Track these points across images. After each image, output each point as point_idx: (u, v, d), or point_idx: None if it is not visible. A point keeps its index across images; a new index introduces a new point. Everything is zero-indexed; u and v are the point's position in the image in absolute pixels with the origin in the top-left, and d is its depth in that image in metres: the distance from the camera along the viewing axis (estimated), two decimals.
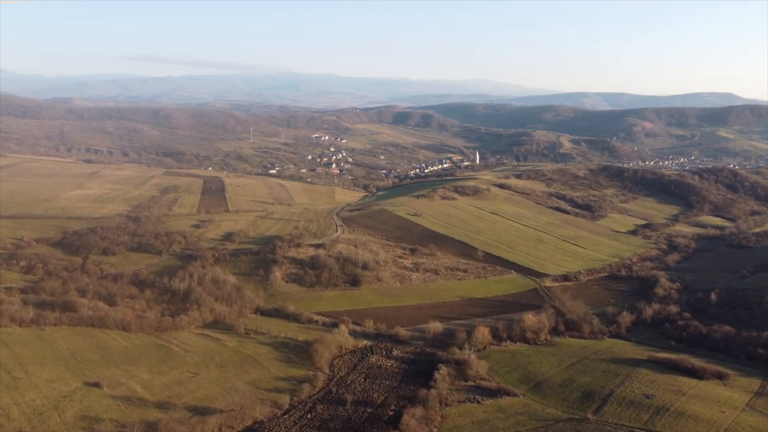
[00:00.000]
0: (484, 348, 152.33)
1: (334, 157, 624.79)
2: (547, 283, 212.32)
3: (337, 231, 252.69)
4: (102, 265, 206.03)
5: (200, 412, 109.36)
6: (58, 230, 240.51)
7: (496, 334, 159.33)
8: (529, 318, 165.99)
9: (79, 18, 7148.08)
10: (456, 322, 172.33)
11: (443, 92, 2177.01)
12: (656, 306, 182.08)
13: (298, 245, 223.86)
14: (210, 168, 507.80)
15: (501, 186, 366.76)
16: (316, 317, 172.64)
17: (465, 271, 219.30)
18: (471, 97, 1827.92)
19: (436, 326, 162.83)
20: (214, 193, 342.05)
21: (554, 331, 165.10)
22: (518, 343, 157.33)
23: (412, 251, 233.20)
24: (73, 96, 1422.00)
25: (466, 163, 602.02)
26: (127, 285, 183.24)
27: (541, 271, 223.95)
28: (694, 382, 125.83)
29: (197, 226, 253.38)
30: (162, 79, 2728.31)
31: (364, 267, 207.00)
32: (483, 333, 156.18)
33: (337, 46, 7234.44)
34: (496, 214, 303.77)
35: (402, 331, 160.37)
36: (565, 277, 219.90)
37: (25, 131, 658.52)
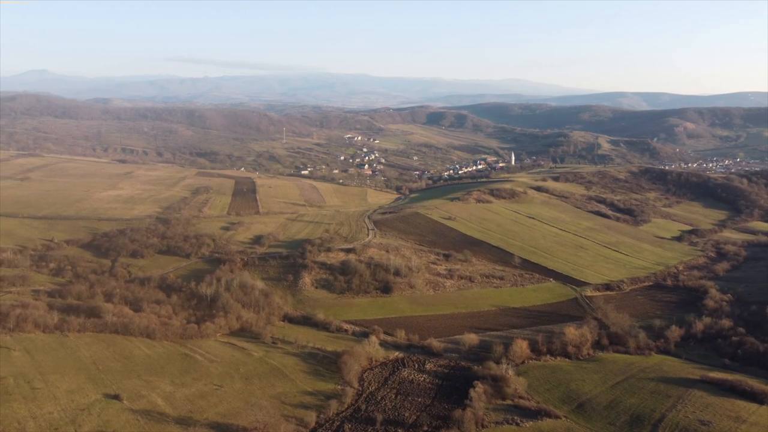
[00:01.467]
0: (522, 362, 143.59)
1: (367, 158, 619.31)
2: (588, 292, 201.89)
3: (368, 235, 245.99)
4: (130, 268, 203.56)
5: (222, 429, 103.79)
6: (88, 232, 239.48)
7: (534, 348, 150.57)
8: (571, 331, 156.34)
9: (119, 20, 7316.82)
10: (492, 333, 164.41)
11: (477, 92, 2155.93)
12: (707, 319, 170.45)
13: (329, 250, 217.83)
14: (242, 168, 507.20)
15: (538, 189, 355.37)
16: (345, 326, 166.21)
17: (501, 278, 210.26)
18: (506, 96, 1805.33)
19: (471, 338, 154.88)
20: (245, 194, 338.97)
21: (597, 345, 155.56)
22: (559, 358, 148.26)
23: (446, 257, 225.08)
24: (113, 96, 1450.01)
25: (501, 165, 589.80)
26: (154, 289, 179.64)
27: (582, 280, 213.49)
28: (754, 407, 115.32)
29: (227, 229, 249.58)
30: (198, 79, 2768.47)
31: (396, 273, 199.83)
32: (521, 346, 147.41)
33: (370, 46, 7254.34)
34: (533, 218, 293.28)
35: (435, 343, 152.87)
36: (607, 287, 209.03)
37: (63, 131, 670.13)
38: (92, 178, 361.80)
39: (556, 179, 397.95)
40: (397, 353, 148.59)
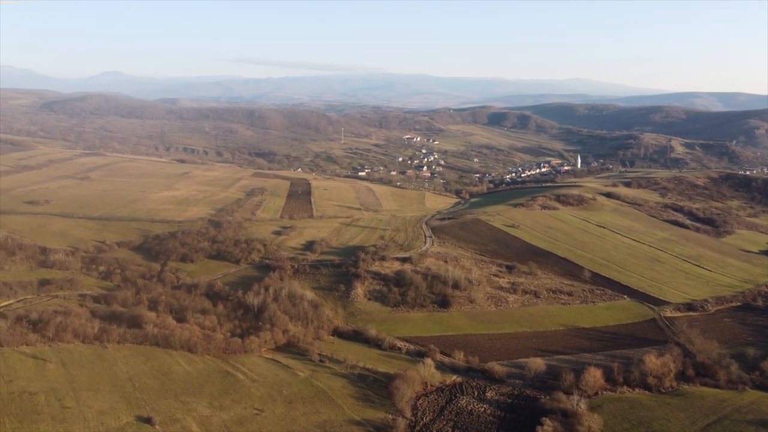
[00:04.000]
0: (596, 394, 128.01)
1: (426, 160, 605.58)
2: (668, 312, 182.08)
3: (425, 243, 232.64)
4: (179, 273, 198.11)
5: None
6: (140, 234, 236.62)
7: (609, 377, 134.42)
8: (651, 359, 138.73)
9: (187, 22, 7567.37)
10: (560, 357, 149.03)
11: (540, 92, 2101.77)
12: None
13: (383, 258, 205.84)
14: (299, 169, 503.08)
15: (608, 195, 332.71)
16: (399, 343, 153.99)
17: (569, 294, 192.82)
18: (570, 97, 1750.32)
19: (538, 363, 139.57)
20: (299, 196, 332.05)
21: (681, 376, 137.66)
22: (637, 390, 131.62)
23: (509, 269, 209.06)
24: (180, 97, 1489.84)
25: (566, 168, 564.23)
26: (200, 297, 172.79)
27: (660, 298, 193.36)
28: None
29: (278, 233, 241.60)
30: (262, 80, 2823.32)
31: (455, 286, 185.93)
32: (594, 375, 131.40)
33: (431, 47, 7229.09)
34: (603, 227, 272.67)
35: (497, 367, 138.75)
36: (689, 306, 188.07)
37: (129, 130, 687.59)
38: (150, 178, 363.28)
39: (627, 185, 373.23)
40: (454, 377, 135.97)
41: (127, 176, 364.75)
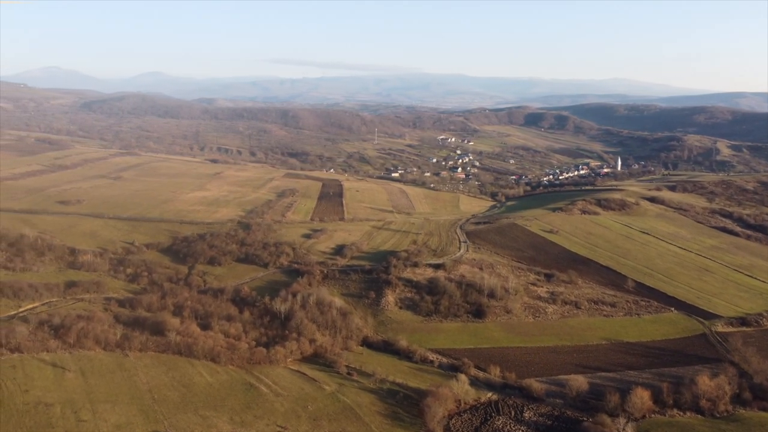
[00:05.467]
0: (643, 417, 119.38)
1: (460, 161, 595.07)
2: (720, 327, 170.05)
3: (460, 248, 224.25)
4: (206, 276, 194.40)
5: None
6: (169, 235, 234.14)
7: (658, 398, 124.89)
8: (704, 381, 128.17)
9: (224, 23, 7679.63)
10: (603, 374, 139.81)
11: (578, 92, 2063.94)
12: None
13: (415, 265, 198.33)
14: (332, 170, 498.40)
15: (652, 199, 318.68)
16: (431, 356, 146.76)
17: (612, 305, 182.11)
18: (609, 97, 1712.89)
19: (579, 381, 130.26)
20: (331, 198, 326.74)
21: (737, 399, 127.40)
22: (688, 414, 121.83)
23: (548, 277, 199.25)
24: (218, 96, 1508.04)
25: (605, 170, 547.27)
26: (226, 303, 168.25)
27: (710, 311, 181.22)
28: None
29: (308, 236, 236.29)
30: (298, 80, 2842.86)
31: (491, 295, 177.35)
32: (641, 396, 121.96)
33: (468, 46, 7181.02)
34: (647, 233, 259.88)
35: (535, 385, 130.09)
36: (743, 321, 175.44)
37: (164, 130, 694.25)
38: (182, 178, 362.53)
39: (672, 189, 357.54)
40: (489, 394, 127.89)
41: (159, 176, 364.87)
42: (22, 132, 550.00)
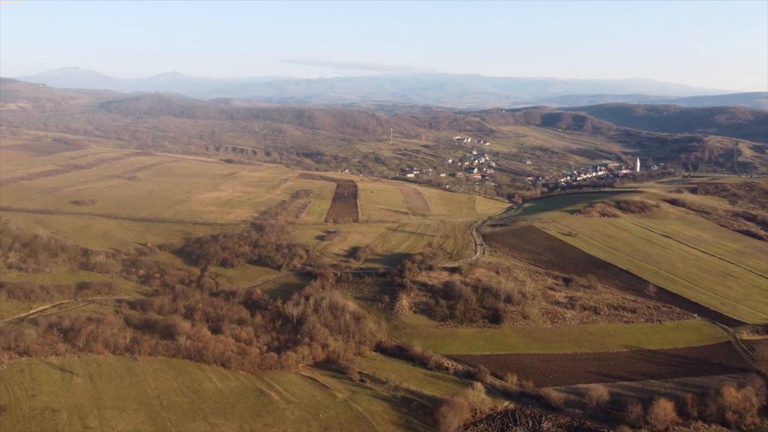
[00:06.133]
0: (666, 429, 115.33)
1: (476, 161, 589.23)
2: (745, 335, 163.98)
3: (476, 251, 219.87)
4: (218, 278, 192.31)
5: None
6: (182, 236, 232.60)
7: (682, 410, 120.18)
8: (731, 392, 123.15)
9: (240, 23, 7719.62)
10: (624, 383, 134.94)
11: (595, 92, 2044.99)
12: None
13: (430, 268, 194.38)
14: (347, 170, 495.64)
15: (672, 202, 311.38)
16: (446, 362, 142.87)
17: (633, 311, 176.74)
18: (627, 97, 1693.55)
19: (600, 391, 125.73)
20: (345, 199, 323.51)
21: (765, 411, 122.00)
22: (714, 426, 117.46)
23: (566, 282, 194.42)
24: (234, 97, 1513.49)
25: (624, 172, 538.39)
26: (238, 306, 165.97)
27: (734, 318, 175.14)
28: None
29: (322, 238, 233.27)
30: (314, 80, 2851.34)
31: (507, 300, 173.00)
32: (665, 408, 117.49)
33: (484, 46, 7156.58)
34: (668, 237, 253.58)
35: (554, 394, 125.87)
36: None
37: (180, 130, 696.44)
38: (196, 178, 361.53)
39: (693, 191, 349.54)
40: (506, 403, 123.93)
41: (173, 176, 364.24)
42: (39, 132, 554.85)
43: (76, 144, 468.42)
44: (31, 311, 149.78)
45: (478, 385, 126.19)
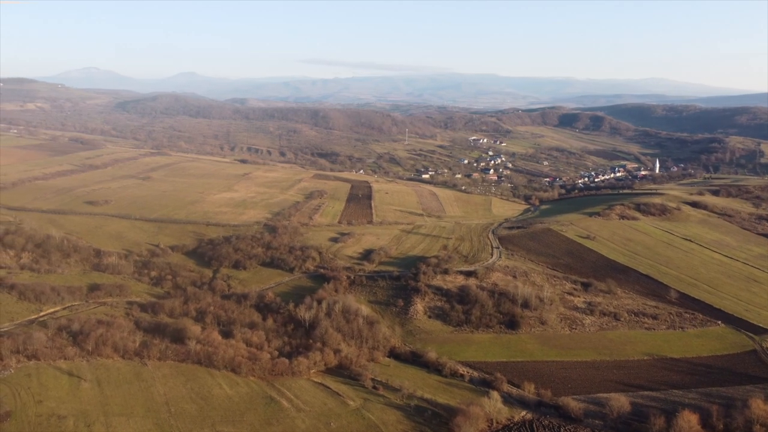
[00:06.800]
0: None
1: (492, 162, 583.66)
2: None
3: (492, 255, 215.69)
4: (230, 280, 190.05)
5: None
6: (194, 237, 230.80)
7: (707, 422, 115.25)
8: (758, 404, 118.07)
9: (257, 24, 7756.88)
10: (646, 393, 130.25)
11: (614, 92, 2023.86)
12: None
13: (446, 272, 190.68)
14: (361, 171, 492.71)
15: (694, 204, 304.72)
16: (461, 369, 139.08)
17: (654, 317, 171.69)
18: (646, 97, 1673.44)
19: (621, 401, 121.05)
20: (359, 200, 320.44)
21: None
22: None
23: (585, 286, 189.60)
24: (250, 97, 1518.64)
25: (643, 173, 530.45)
26: (250, 309, 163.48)
27: (760, 325, 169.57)
28: None
29: (335, 240, 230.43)
30: (329, 80, 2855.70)
31: (525, 305, 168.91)
32: (689, 420, 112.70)
33: (500, 46, 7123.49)
34: (690, 240, 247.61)
35: (573, 403, 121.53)
36: None
37: (196, 130, 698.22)
38: (210, 178, 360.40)
39: (715, 193, 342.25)
40: (523, 413, 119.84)
41: (187, 176, 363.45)
42: (57, 132, 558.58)
43: (92, 144, 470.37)
44: (42, 313, 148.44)
45: (495, 394, 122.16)
